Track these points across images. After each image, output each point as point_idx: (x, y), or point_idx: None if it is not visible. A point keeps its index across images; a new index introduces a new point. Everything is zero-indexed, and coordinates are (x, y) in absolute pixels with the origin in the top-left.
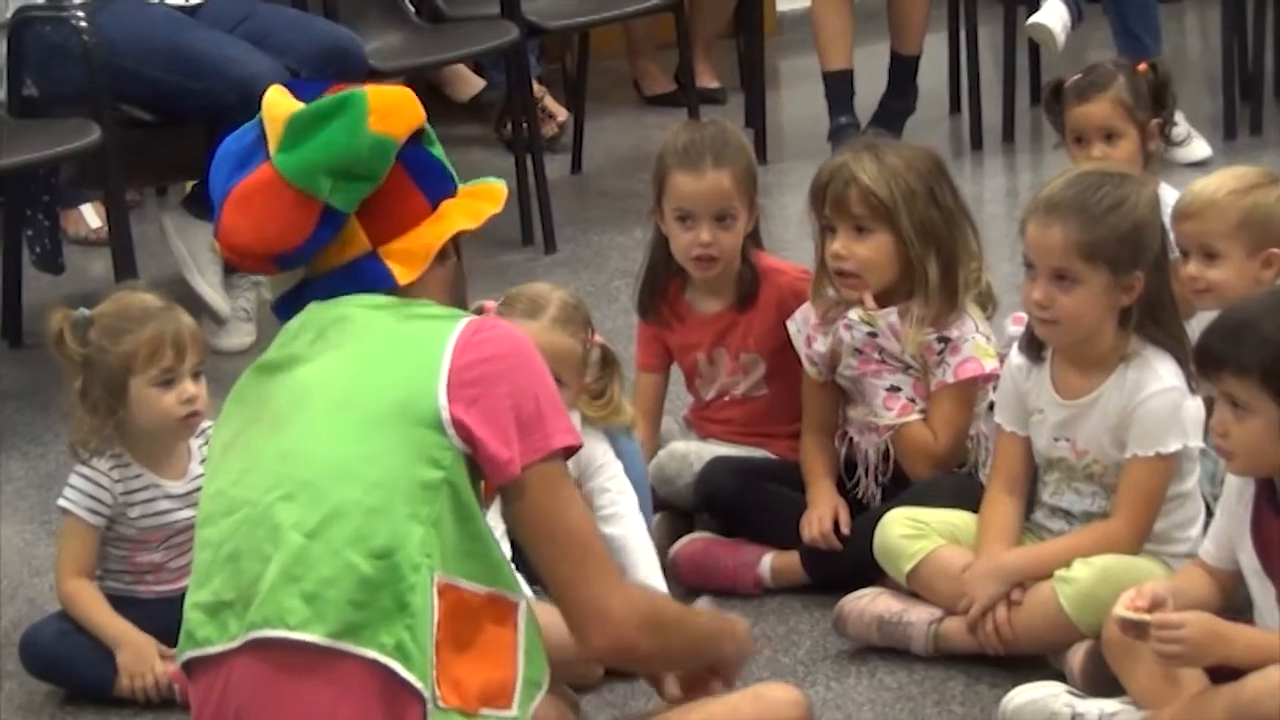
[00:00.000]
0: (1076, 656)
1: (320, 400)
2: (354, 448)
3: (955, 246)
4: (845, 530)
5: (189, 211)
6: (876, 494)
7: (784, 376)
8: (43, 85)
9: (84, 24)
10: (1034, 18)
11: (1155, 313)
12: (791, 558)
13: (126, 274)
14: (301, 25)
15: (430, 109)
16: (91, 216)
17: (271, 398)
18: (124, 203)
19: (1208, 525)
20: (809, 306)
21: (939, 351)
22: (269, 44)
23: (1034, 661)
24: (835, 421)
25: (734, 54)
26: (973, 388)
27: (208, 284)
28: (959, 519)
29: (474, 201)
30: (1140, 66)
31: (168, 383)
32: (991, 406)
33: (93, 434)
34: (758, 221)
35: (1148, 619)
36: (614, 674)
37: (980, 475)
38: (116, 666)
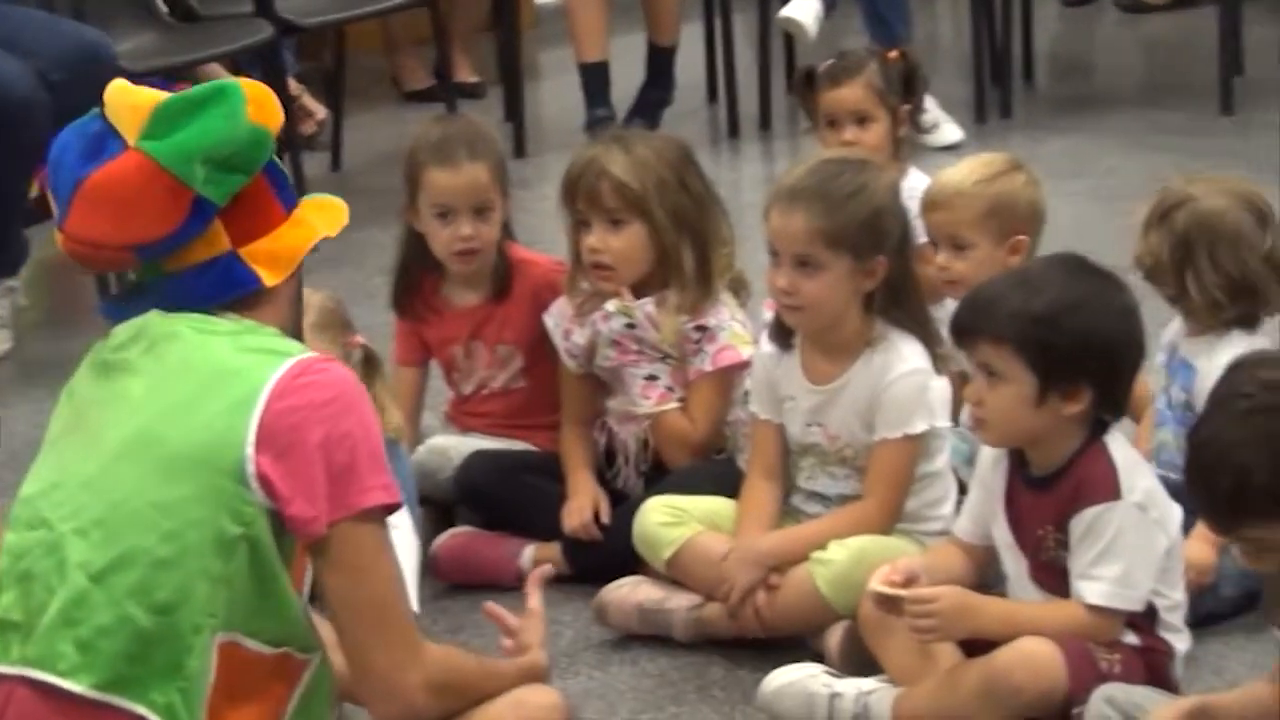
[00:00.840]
0: (834, 637)
1: (131, 428)
2: (153, 492)
3: (708, 233)
4: (605, 520)
5: None
6: (638, 483)
7: (542, 368)
8: None
9: None
10: (784, 11)
11: (899, 297)
12: (553, 549)
13: None
14: (49, 26)
15: None
16: None
17: (94, 404)
18: None
19: (960, 504)
20: (565, 300)
21: (696, 340)
22: (15, 47)
23: (794, 644)
24: (594, 412)
25: (493, 48)
26: (730, 375)
27: None
28: (719, 505)
29: (327, 213)
30: (891, 53)
31: None
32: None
33: None
34: (509, 213)
35: (902, 594)
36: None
37: (740, 462)
38: None
